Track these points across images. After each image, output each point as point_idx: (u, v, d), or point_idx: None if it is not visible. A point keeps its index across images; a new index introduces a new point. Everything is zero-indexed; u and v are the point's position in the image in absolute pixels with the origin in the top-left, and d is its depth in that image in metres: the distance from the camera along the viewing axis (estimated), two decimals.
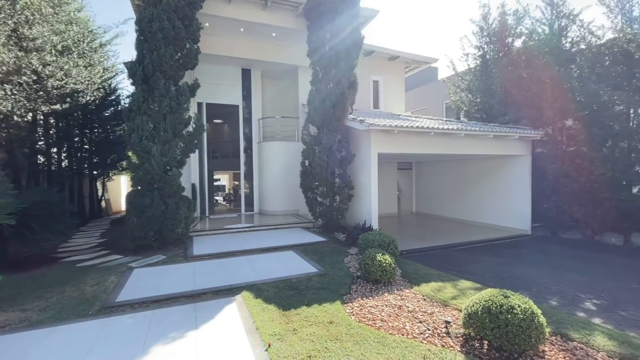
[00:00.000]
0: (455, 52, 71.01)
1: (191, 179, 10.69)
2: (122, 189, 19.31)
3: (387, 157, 11.22)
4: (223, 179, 23.45)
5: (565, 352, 3.35)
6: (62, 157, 12.56)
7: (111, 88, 13.82)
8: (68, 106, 9.65)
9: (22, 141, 8.90)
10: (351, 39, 8.68)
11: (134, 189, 7.38)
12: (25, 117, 8.44)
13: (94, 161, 13.82)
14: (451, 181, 12.79)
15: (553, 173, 9.59)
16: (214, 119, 15.07)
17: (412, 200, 14.91)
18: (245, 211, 12.29)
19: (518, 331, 3.12)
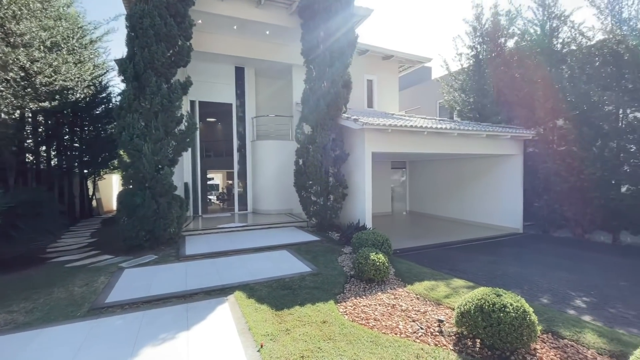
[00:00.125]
0: (449, 52, 71.67)
1: (184, 178, 10.58)
2: (114, 188, 19.05)
3: (381, 156, 11.25)
4: (217, 178, 23.27)
5: (556, 350, 3.39)
6: (52, 156, 12.34)
7: (102, 85, 13.61)
8: (57, 104, 9.47)
9: (9, 139, 8.70)
10: (345, 37, 8.66)
11: (125, 188, 7.27)
12: (12, 114, 8.26)
13: (85, 160, 13.60)
14: (445, 180, 12.87)
15: (544, 172, 9.73)
16: (208, 118, 14.90)
17: (406, 200, 14.98)
18: (238, 210, 12.21)
19: (510, 329, 3.14)
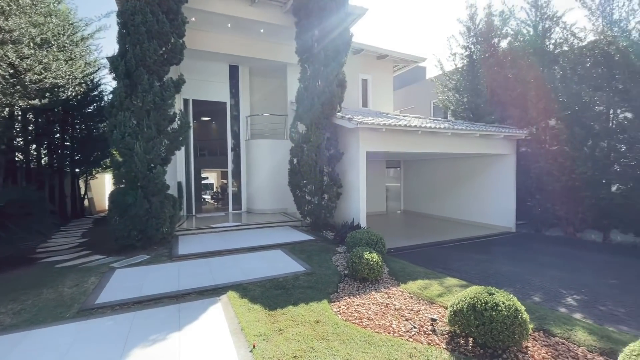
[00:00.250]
0: (443, 51, 71.65)
1: (177, 177, 10.48)
2: (107, 188, 18.83)
3: (375, 155, 11.26)
4: (211, 177, 23.13)
5: (547, 348, 3.41)
6: (42, 154, 12.14)
7: (94, 83, 13.42)
8: (47, 101, 9.31)
9: None
10: (340, 36, 8.63)
11: (116, 187, 7.18)
12: (1, 112, 8.11)
13: (76, 159, 13.42)
14: (439, 180, 12.93)
15: (537, 172, 9.83)
16: (201, 116, 14.82)
17: (401, 199, 15.02)
18: (233, 210, 12.14)
19: (502, 328, 3.15)
